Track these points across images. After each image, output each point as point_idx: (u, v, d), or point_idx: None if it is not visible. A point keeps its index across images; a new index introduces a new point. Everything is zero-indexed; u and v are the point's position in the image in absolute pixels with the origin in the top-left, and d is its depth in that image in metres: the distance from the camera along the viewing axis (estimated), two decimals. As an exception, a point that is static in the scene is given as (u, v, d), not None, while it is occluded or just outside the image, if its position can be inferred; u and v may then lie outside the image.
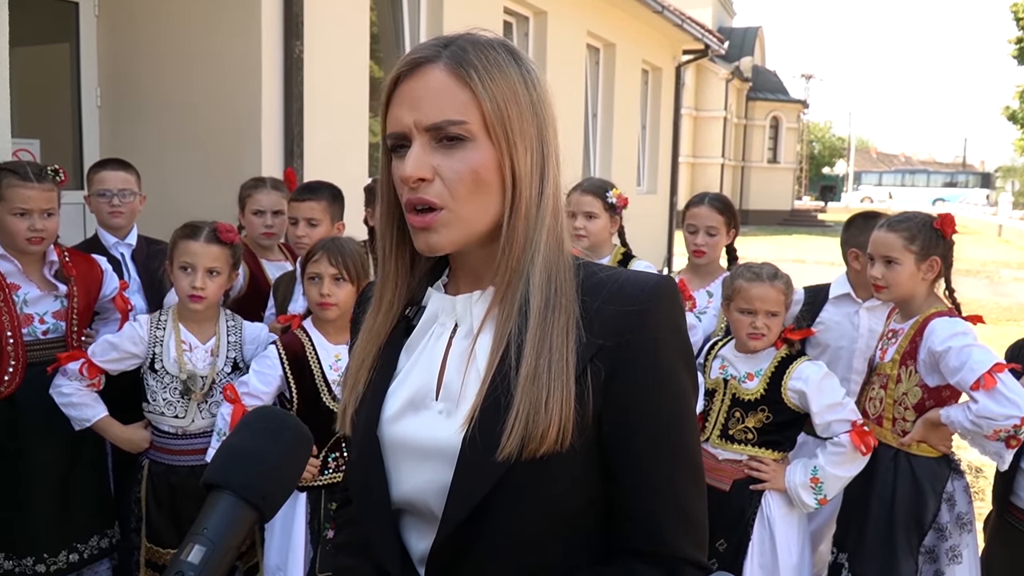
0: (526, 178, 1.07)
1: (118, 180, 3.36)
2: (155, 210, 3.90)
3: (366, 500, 1.15)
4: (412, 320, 1.18)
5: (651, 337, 1.05)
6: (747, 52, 28.48)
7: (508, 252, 1.07)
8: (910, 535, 2.64)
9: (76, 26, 5.03)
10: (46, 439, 2.84)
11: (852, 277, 3.31)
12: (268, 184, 3.50)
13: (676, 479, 1.07)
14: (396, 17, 6.57)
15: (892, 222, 2.76)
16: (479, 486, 1.02)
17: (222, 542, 0.83)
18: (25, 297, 2.85)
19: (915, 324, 2.69)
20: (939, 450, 2.67)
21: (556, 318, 1.04)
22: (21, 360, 2.80)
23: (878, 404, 2.77)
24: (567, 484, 1.04)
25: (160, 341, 2.78)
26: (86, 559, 2.95)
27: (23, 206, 2.74)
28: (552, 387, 1.01)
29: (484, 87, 1.04)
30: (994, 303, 11.83)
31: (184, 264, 2.73)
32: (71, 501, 2.91)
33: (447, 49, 1.06)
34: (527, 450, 1.00)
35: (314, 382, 2.70)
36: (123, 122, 5.13)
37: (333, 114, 5.39)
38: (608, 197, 3.23)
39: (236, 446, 0.91)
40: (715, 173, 26.59)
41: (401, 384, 1.15)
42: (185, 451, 2.78)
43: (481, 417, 1.03)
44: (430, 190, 1.04)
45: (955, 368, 2.50)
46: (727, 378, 2.72)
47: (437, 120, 1.03)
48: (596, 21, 9.80)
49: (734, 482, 2.64)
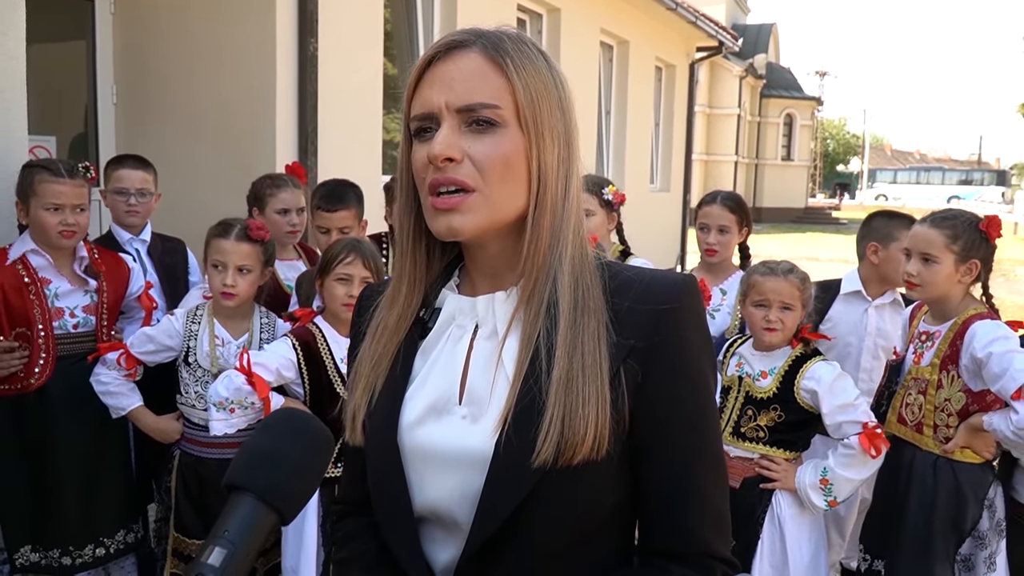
0: (552, 173, 1.05)
1: (137, 179, 3.37)
2: (169, 207, 3.92)
3: (387, 510, 1.11)
4: (427, 322, 1.13)
5: (681, 335, 1.05)
6: (761, 49, 28.36)
7: (534, 248, 1.05)
8: (948, 541, 2.57)
9: (92, 24, 5.06)
10: (75, 432, 2.88)
11: (865, 272, 3.28)
12: (289, 183, 3.48)
13: (707, 479, 1.06)
14: (410, 15, 6.57)
15: (936, 218, 2.65)
16: (513, 493, 1.00)
17: (243, 544, 0.82)
18: (56, 291, 2.89)
19: (953, 326, 2.60)
20: (983, 456, 2.59)
21: (586, 321, 1.03)
22: (52, 353, 2.84)
23: (917, 411, 2.68)
24: (599, 490, 1.03)
25: (195, 335, 2.84)
26: (112, 553, 2.98)
27: (55, 201, 2.79)
28: (588, 392, 0.99)
29: (519, 75, 1.03)
30: (1011, 301, 11.73)
31: (216, 262, 2.78)
32: (98, 494, 2.95)
33: (482, 37, 1.05)
34: (563, 457, 0.98)
35: (327, 373, 2.73)
36: (138, 119, 5.16)
37: (347, 112, 5.40)
38: (604, 194, 3.21)
39: (258, 448, 0.90)
40: (728, 171, 26.52)
41: (419, 389, 1.10)
42: (214, 444, 2.79)
43: (514, 422, 1.00)
44: (460, 170, 1.02)
45: (996, 375, 2.42)
46: (742, 376, 2.71)
47: (471, 102, 1.01)
48: (609, 18, 9.78)
49: (744, 480, 2.62)
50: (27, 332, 2.81)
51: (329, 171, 4.71)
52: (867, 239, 3.29)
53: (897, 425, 2.77)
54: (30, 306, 2.81)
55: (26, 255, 2.84)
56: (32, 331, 2.81)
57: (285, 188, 3.44)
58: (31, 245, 2.85)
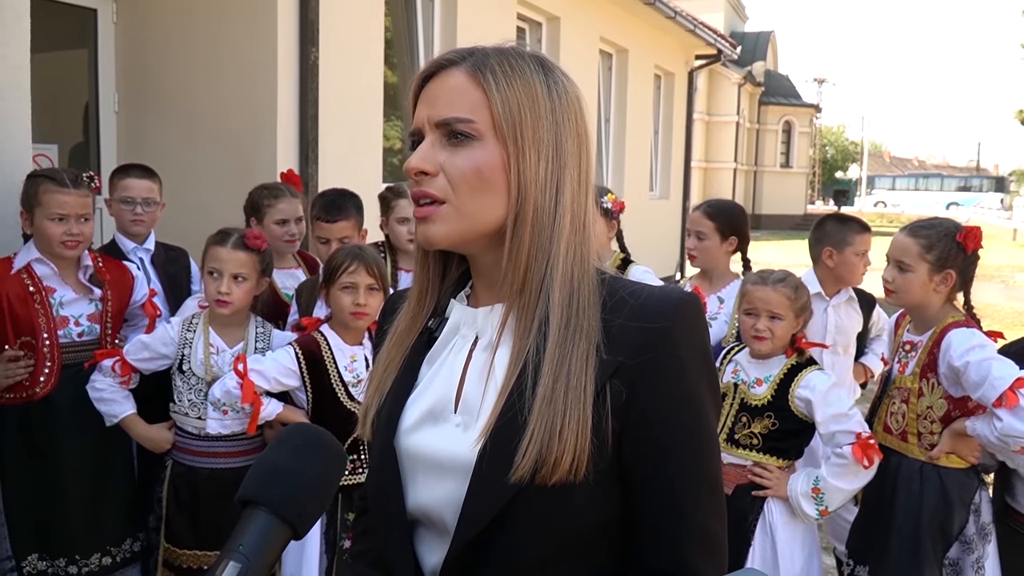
0: (535, 185, 1.05)
1: (143, 189, 3.38)
2: (171, 215, 3.93)
3: (381, 510, 1.15)
4: (435, 331, 1.17)
5: (674, 355, 1.03)
6: (759, 57, 28.41)
7: (514, 258, 1.06)
8: (935, 546, 2.59)
9: (94, 32, 5.09)
10: (80, 440, 2.89)
11: (821, 274, 3.42)
12: (287, 192, 3.48)
13: (699, 502, 1.05)
14: (410, 24, 6.61)
15: (915, 227, 2.70)
16: (490, 505, 1.01)
17: (257, 559, 0.82)
18: (61, 300, 2.91)
19: (932, 335, 2.64)
20: (968, 461, 2.62)
21: (576, 341, 1.02)
22: (57, 361, 2.86)
23: (901, 419, 2.71)
24: (578, 509, 1.03)
25: (190, 343, 2.84)
26: (118, 562, 2.98)
27: (59, 211, 2.80)
28: (568, 415, 0.99)
29: (497, 89, 1.05)
30: (1009, 307, 11.77)
31: (212, 269, 2.79)
32: (103, 503, 2.95)
33: (473, 55, 1.08)
34: (539, 475, 0.98)
35: (330, 382, 2.74)
36: (140, 128, 5.19)
37: (348, 120, 5.43)
38: (603, 202, 3.23)
39: (272, 463, 0.91)
40: (727, 178, 26.53)
41: (421, 395, 1.14)
42: (206, 453, 2.81)
43: (496, 434, 1.02)
44: (433, 184, 1.06)
45: (976, 383, 2.44)
46: (737, 383, 2.73)
47: (447, 116, 1.05)
48: (609, 26, 9.82)
49: (737, 487, 2.63)
50: (32, 341, 2.83)
51: (330, 179, 4.74)
52: (821, 243, 3.39)
53: (883, 434, 2.80)
54: (35, 315, 2.83)
55: (31, 264, 2.86)
56: (37, 340, 2.83)
57: (283, 198, 3.43)
58: (36, 254, 2.87)
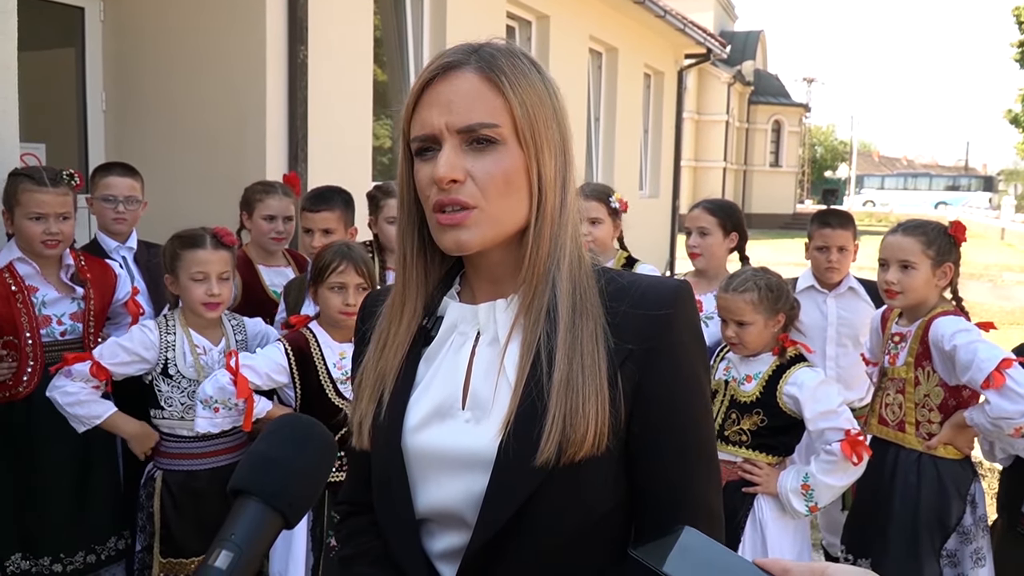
0: (551, 183, 1.09)
1: (124, 187, 3.37)
2: (158, 214, 3.92)
3: (389, 511, 1.15)
4: (430, 330, 1.17)
5: (676, 340, 1.09)
6: (749, 56, 28.50)
7: (535, 256, 1.09)
8: (934, 537, 2.64)
9: (82, 31, 5.06)
10: (63, 439, 2.86)
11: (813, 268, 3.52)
12: (279, 190, 3.49)
13: (701, 478, 1.11)
14: (399, 22, 6.60)
15: (907, 227, 2.76)
16: (517, 493, 1.03)
17: (249, 548, 0.83)
18: (43, 299, 2.89)
19: (921, 325, 2.70)
20: (963, 452, 2.68)
21: (585, 324, 1.06)
22: (39, 361, 2.85)
23: (898, 409, 2.76)
24: (600, 488, 1.07)
25: (172, 346, 2.77)
26: (103, 560, 2.97)
27: (38, 210, 2.79)
28: (587, 392, 1.03)
29: (515, 92, 1.06)
30: (997, 307, 11.82)
31: (196, 274, 2.71)
32: (87, 501, 2.94)
33: (476, 54, 1.08)
34: (565, 455, 1.02)
35: (318, 379, 2.74)
36: (128, 126, 5.16)
37: (337, 118, 5.41)
38: (612, 202, 3.27)
39: (264, 453, 0.92)
40: (717, 177, 26.60)
41: (423, 394, 1.14)
42: (207, 453, 2.78)
43: (516, 424, 1.04)
44: (463, 191, 1.06)
45: (964, 366, 2.51)
46: (728, 380, 2.73)
47: (470, 122, 1.05)
48: (598, 25, 9.82)
49: (727, 483, 2.62)
50: (15, 340, 2.81)
51: (319, 177, 4.72)
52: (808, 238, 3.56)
53: (879, 426, 2.84)
54: (17, 314, 2.81)
55: (13, 263, 2.85)
56: (20, 339, 2.81)
57: (274, 195, 3.45)
58: (17, 253, 2.85)
